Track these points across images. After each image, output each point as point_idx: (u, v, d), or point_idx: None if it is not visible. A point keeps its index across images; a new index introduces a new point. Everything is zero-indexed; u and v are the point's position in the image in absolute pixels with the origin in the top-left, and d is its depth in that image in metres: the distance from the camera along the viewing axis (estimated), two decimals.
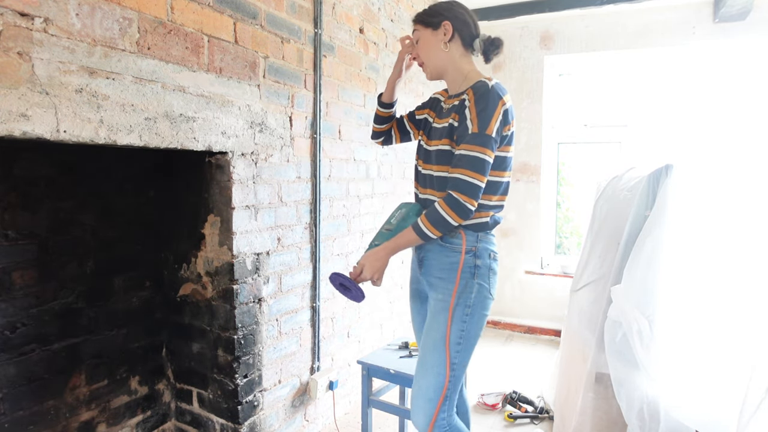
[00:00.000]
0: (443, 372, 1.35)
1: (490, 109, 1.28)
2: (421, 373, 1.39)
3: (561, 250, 4.08)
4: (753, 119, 3.23)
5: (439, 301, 1.38)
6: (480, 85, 1.33)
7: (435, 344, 1.36)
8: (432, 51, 1.44)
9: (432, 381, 1.35)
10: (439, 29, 1.41)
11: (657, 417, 1.54)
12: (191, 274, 1.86)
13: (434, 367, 1.35)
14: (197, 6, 1.53)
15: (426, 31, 1.44)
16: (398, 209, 1.49)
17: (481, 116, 1.28)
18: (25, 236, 1.50)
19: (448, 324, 1.35)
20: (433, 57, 1.45)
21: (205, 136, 1.58)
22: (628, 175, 1.92)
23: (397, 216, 1.46)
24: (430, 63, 1.46)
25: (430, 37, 1.44)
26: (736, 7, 2.97)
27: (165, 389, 1.97)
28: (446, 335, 1.35)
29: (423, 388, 1.37)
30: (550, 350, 3.50)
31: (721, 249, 1.58)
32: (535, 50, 3.77)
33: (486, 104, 1.28)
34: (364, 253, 1.41)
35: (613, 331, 1.66)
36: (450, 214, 1.27)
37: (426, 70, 1.49)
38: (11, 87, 1.07)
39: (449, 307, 1.35)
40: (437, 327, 1.37)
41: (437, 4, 1.45)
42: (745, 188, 1.62)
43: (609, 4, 3.22)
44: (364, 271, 1.37)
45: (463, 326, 1.35)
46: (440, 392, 1.35)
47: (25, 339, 1.50)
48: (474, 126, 1.28)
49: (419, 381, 1.39)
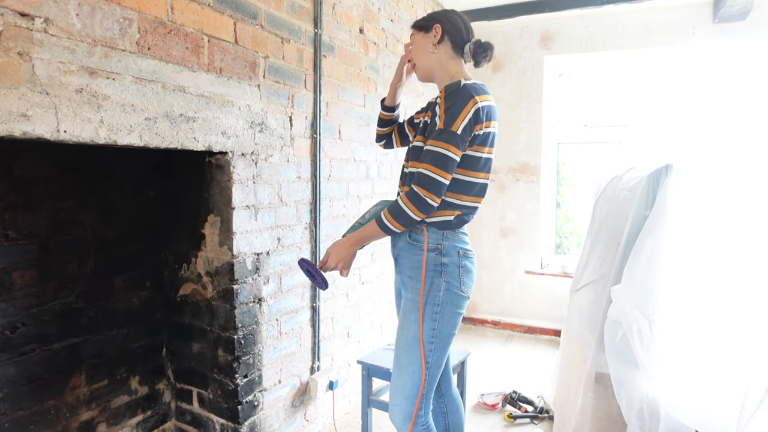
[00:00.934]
0: (418, 371, 1.36)
1: (458, 107, 1.29)
2: (396, 373, 1.41)
3: (561, 250, 4.08)
4: (753, 119, 3.23)
5: (409, 300, 1.41)
6: (452, 84, 1.36)
7: (408, 343, 1.38)
8: (422, 52, 1.49)
9: (407, 380, 1.37)
10: (430, 32, 1.46)
11: (657, 417, 1.54)
12: (191, 274, 1.86)
13: (409, 366, 1.37)
14: (197, 6, 1.53)
15: (419, 34, 1.50)
16: (375, 205, 1.51)
17: (448, 113, 1.30)
18: (25, 236, 1.50)
19: (420, 323, 1.36)
20: (422, 58, 1.49)
21: (205, 136, 1.58)
22: (628, 175, 1.92)
23: (371, 211, 1.49)
24: (419, 64, 1.51)
25: (422, 40, 1.49)
26: (736, 7, 2.97)
27: (165, 389, 1.97)
28: (418, 334, 1.36)
29: (399, 387, 1.39)
30: (550, 350, 3.51)
31: (721, 249, 1.58)
32: (535, 50, 3.77)
33: (454, 101, 1.30)
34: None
35: (613, 331, 1.66)
36: (410, 207, 1.29)
37: (416, 72, 1.55)
38: (11, 87, 1.07)
39: (419, 306, 1.37)
40: (409, 326, 1.39)
41: (433, 13, 1.52)
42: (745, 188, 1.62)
43: (609, 4, 3.22)
44: (329, 260, 1.40)
45: (434, 325, 1.36)
46: (417, 391, 1.36)
47: (25, 339, 1.50)
48: (441, 122, 1.31)
49: (395, 380, 1.41)
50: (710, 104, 3.38)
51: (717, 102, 3.35)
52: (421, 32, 1.49)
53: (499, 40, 3.88)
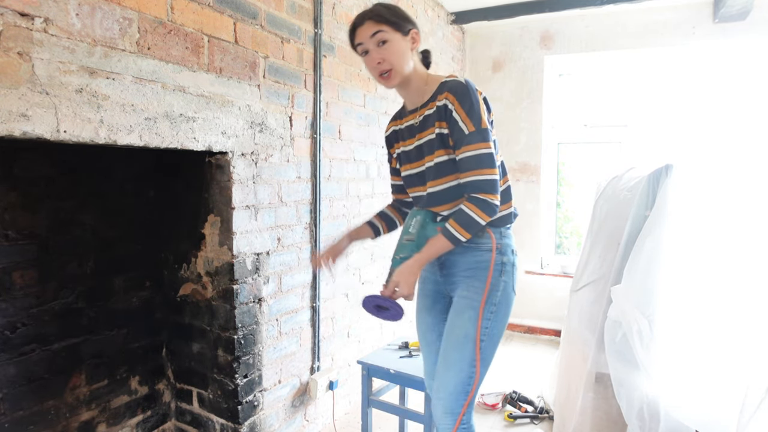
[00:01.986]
0: (466, 369, 1.35)
1: (476, 103, 1.28)
2: (443, 369, 1.38)
3: (561, 250, 4.08)
4: (753, 119, 3.23)
5: (465, 298, 1.38)
6: (455, 84, 1.31)
7: (459, 341, 1.36)
8: (404, 56, 1.35)
9: (453, 376, 1.35)
10: (407, 36, 1.35)
11: (657, 417, 1.54)
12: (191, 274, 1.86)
13: (457, 363, 1.35)
14: (197, 6, 1.53)
15: (396, 35, 1.34)
16: (412, 217, 1.43)
17: (471, 114, 1.28)
18: (25, 236, 1.50)
19: (479, 322, 1.34)
20: (405, 63, 1.35)
21: (205, 136, 1.58)
22: (628, 175, 1.92)
23: (413, 225, 1.41)
24: (400, 68, 1.35)
25: (402, 42, 1.35)
26: (736, 7, 2.97)
27: (165, 389, 1.97)
28: (473, 333, 1.34)
29: (444, 383, 1.36)
30: (550, 350, 3.50)
31: (721, 249, 1.58)
32: (535, 50, 3.77)
33: (471, 101, 1.28)
34: (390, 269, 1.37)
35: (613, 331, 1.66)
36: (479, 213, 1.27)
37: (393, 77, 1.35)
38: (11, 87, 1.07)
39: (479, 306, 1.35)
40: (462, 325, 1.36)
41: (396, 8, 1.36)
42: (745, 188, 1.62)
43: (609, 4, 3.22)
44: (400, 288, 1.31)
45: (488, 324, 1.35)
46: (462, 388, 1.35)
47: (25, 339, 1.50)
48: (469, 125, 1.28)
49: (442, 376, 1.37)
50: (710, 104, 3.38)
51: (717, 102, 3.35)
52: (399, 33, 1.34)
53: (499, 40, 3.89)
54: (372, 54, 1.34)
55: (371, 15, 1.33)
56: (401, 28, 1.34)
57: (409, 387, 1.98)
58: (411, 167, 1.46)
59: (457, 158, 1.31)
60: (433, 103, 1.36)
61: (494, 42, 3.92)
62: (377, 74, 1.37)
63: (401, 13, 1.37)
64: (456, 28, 3.80)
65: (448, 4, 3.48)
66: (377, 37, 1.32)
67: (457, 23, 3.69)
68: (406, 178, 1.50)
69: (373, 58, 1.34)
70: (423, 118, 1.39)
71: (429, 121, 1.37)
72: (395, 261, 1.39)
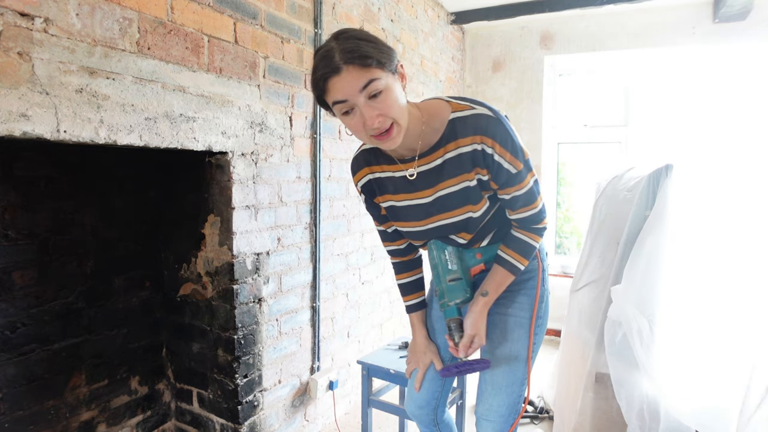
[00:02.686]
0: (518, 390, 1.26)
1: (514, 135, 1.08)
2: (492, 392, 1.27)
3: (561, 250, 4.07)
4: (753, 119, 3.23)
5: (512, 316, 1.26)
6: (486, 124, 1.05)
7: (509, 366, 1.26)
8: (403, 102, 1.01)
9: (505, 399, 1.26)
10: (396, 74, 1.01)
11: (657, 417, 1.54)
12: (191, 274, 1.86)
13: (509, 386, 1.26)
14: (197, 6, 1.53)
15: (390, 77, 0.97)
16: (439, 252, 1.23)
17: (515, 152, 1.08)
18: (25, 236, 1.50)
19: (529, 340, 1.25)
20: (402, 109, 1.00)
21: (205, 136, 1.58)
22: (628, 175, 1.92)
23: (449, 260, 1.22)
24: (404, 120, 1.01)
25: (395, 84, 0.99)
26: (736, 7, 2.97)
27: (165, 389, 1.97)
28: (525, 353, 1.25)
29: (495, 406, 1.26)
30: (550, 350, 3.50)
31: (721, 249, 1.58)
32: (535, 50, 3.77)
33: (510, 136, 1.07)
34: (450, 321, 1.23)
35: (613, 331, 1.66)
36: (536, 239, 1.19)
37: (398, 133, 1.01)
38: (11, 87, 1.07)
39: (529, 323, 1.25)
40: (511, 347, 1.26)
41: (375, 37, 0.99)
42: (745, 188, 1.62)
43: (609, 4, 3.22)
44: (478, 339, 1.20)
45: (536, 339, 1.27)
46: (518, 408, 1.28)
47: (25, 339, 1.50)
48: (516, 164, 1.08)
49: (490, 399, 1.27)
50: (710, 104, 3.38)
51: (717, 102, 3.35)
52: (390, 73, 0.97)
53: (499, 40, 3.89)
54: (363, 111, 0.96)
55: (354, 57, 0.92)
56: (391, 64, 0.98)
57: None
58: (422, 223, 1.19)
59: (507, 197, 1.14)
60: (449, 146, 1.09)
61: (494, 42, 3.92)
62: (374, 135, 0.99)
63: (381, 42, 0.99)
64: (456, 28, 3.80)
65: (448, 4, 3.48)
66: (369, 89, 0.94)
67: (457, 23, 3.69)
68: (410, 233, 1.24)
69: (366, 116, 0.96)
70: (443, 164, 1.11)
71: (455, 168, 1.11)
72: (451, 309, 1.22)
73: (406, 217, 1.21)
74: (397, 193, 1.20)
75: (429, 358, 1.34)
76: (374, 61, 0.93)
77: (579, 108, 3.87)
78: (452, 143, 1.09)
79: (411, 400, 1.42)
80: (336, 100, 0.97)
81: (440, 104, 1.11)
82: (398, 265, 1.37)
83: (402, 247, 1.34)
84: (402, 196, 1.19)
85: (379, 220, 1.30)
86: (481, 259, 1.24)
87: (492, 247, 1.24)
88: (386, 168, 1.19)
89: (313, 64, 0.99)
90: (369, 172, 1.22)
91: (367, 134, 1.00)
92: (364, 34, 0.98)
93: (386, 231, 1.32)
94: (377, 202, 1.26)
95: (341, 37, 0.96)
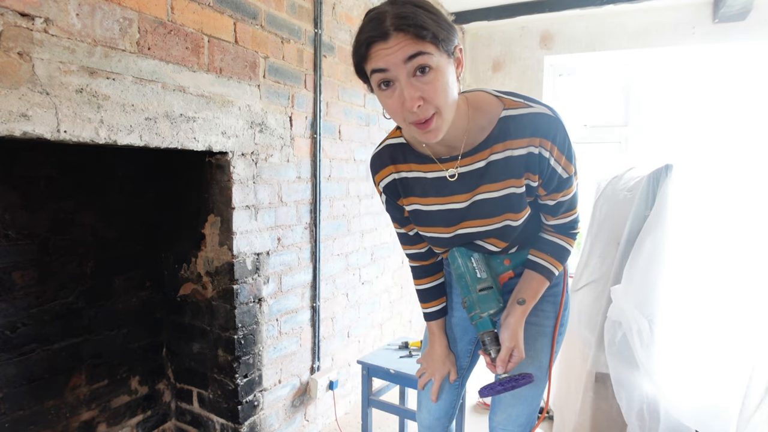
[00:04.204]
0: (537, 400, 1.23)
1: (569, 139, 1.00)
2: (512, 402, 1.23)
3: None
4: (753, 119, 3.23)
5: (535, 325, 1.19)
6: (548, 126, 0.95)
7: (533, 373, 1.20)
8: (453, 92, 0.87)
9: (524, 409, 1.23)
10: (452, 58, 0.87)
11: (657, 417, 1.54)
12: (191, 274, 1.86)
13: (530, 397, 1.22)
14: (197, 6, 1.53)
15: (444, 58, 0.84)
16: (464, 258, 1.12)
17: (570, 156, 1.00)
18: (25, 236, 1.50)
19: (552, 349, 1.20)
20: (454, 103, 0.88)
21: (205, 136, 1.58)
22: (628, 175, 1.92)
23: (477, 268, 1.11)
24: (450, 113, 0.87)
25: (449, 68, 0.85)
26: (735, 7, 2.97)
27: (165, 389, 1.97)
28: (546, 363, 1.20)
29: (514, 416, 1.23)
30: None
31: (721, 249, 1.58)
32: (535, 50, 3.77)
33: (569, 140, 0.99)
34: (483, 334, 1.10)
35: (613, 331, 1.66)
36: (572, 243, 1.14)
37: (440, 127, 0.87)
38: (11, 87, 1.07)
39: (552, 332, 1.20)
40: (534, 355, 1.20)
41: (438, 12, 0.85)
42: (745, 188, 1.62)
43: (609, 4, 3.22)
44: (518, 352, 1.09)
45: (557, 347, 1.23)
46: (536, 416, 1.25)
47: (25, 339, 1.50)
48: (570, 169, 1.01)
49: (509, 409, 1.23)
50: (710, 104, 3.38)
51: (717, 102, 3.35)
52: (444, 54, 0.84)
53: (499, 40, 3.88)
54: (404, 88, 0.82)
55: (407, 24, 0.79)
56: (449, 44, 0.84)
57: (409, 387, 1.98)
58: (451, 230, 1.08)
59: (552, 203, 1.06)
60: (497, 146, 0.98)
61: (494, 42, 3.92)
62: (412, 122, 0.86)
63: (443, 16, 0.85)
64: (456, 28, 3.80)
65: (448, 4, 3.48)
66: (416, 62, 0.80)
67: (457, 23, 3.69)
68: (434, 239, 1.12)
69: (407, 96, 0.82)
70: (487, 166, 0.99)
71: (501, 172, 0.99)
72: (484, 322, 1.09)
73: (433, 223, 1.08)
74: (425, 196, 1.07)
75: (447, 368, 1.28)
76: (430, 34, 0.79)
77: (579, 108, 3.87)
78: (501, 144, 0.97)
79: (428, 412, 1.33)
80: (376, 67, 0.82)
81: (488, 99, 0.98)
82: (418, 270, 1.26)
83: (423, 251, 1.23)
84: (431, 200, 1.06)
85: (400, 222, 1.18)
86: (510, 265, 1.14)
87: (520, 253, 1.15)
88: (415, 167, 1.06)
89: (360, 26, 0.85)
90: (394, 170, 1.08)
91: (405, 119, 0.86)
92: (426, 3, 0.84)
93: (407, 234, 1.20)
94: (400, 204, 1.13)
95: (399, 1, 0.82)
